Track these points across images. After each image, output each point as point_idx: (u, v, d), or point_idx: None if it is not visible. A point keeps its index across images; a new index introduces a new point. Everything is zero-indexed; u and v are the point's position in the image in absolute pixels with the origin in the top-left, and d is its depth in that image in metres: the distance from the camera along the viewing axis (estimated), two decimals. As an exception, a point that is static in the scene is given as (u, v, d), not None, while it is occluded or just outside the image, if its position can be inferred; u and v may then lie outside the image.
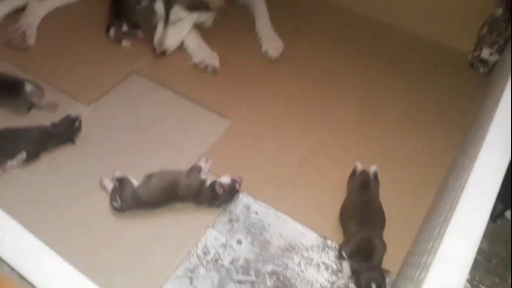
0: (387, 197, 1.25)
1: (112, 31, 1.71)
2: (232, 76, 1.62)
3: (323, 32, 1.81)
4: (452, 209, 0.79)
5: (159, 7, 1.56)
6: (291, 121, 1.49)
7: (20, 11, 1.75)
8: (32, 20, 1.71)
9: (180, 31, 1.63)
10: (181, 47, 1.68)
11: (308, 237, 1.23)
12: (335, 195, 1.29)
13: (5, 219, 0.61)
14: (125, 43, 1.71)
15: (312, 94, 1.58)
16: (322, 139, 1.45)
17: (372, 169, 1.31)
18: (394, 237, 1.17)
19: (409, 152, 1.42)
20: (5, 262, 0.51)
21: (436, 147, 1.43)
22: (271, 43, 1.67)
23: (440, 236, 0.75)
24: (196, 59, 1.63)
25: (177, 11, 1.56)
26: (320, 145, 1.43)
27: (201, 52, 1.64)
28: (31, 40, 1.65)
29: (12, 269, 0.51)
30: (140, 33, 1.73)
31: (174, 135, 1.44)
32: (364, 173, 1.30)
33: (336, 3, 1.92)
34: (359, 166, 1.32)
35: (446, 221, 0.77)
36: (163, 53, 1.63)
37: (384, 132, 1.48)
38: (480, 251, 1.30)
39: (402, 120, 1.52)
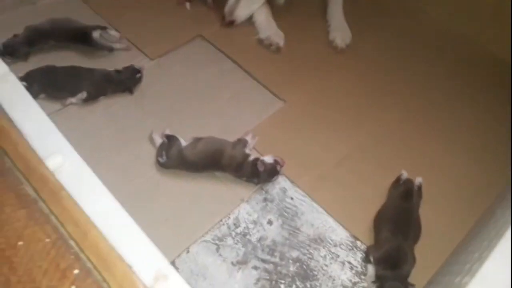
0: (426, 213, 1.23)
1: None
2: (294, 59, 1.61)
3: (393, 33, 1.75)
4: (499, 236, 0.77)
5: None
6: (343, 115, 1.47)
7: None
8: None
9: (252, 3, 1.62)
10: (249, 20, 1.68)
11: (339, 233, 1.23)
12: (373, 198, 1.28)
13: (68, 149, 0.61)
14: (188, 5, 1.72)
15: (369, 93, 1.55)
16: (369, 140, 1.42)
17: (417, 181, 1.28)
18: (426, 254, 1.15)
19: (458, 172, 1.38)
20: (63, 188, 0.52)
21: (487, 173, 1.38)
22: (340, 33, 1.64)
23: (481, 259, 0.74)
24: (262, 35, 1.63)
25: None
26: (366, 146, 1.41)
27: (268, 28, 1.64)
28: (110, -12, 1.70)
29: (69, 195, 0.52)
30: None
31: (226, 106, 1.46)
32: (409, 182, 1.28)
33: (413, 6, 1.85)
34: (405, 175, 1.30)
35: (491, 246, 0.76)
36: (231, 23, 1.64)
37: (436, 146, 1.43)
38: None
39: (457, 138, 1.46)
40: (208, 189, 1.26)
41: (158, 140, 1.30)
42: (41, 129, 0.53)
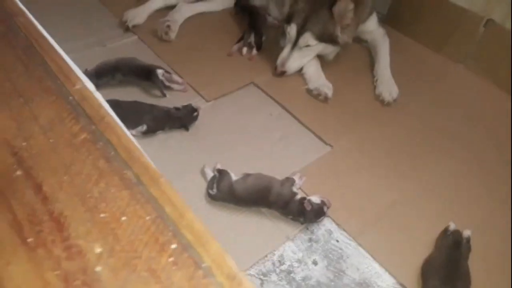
0: (476, 266, 1.20)
1: (237, 45, 1.88)
2: (341, 108, 1.67)
3: (440, 93, 1.81)
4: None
5: (292, 30, 1.67)
6: (389, 164, 1.50)
7: (170, 8, 1.99)
8: (178, 17, 1.93)
9: (303, 57, 1.73)
10: (299, 71, 1.78)
11: (385, 279, 1.20)
12: (419, 247, 1.26)
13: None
14: (246, 52, 1.85)
15: (415, 144, 1.58)
16: (417, 189, 1.43)
17: (466, 233, 1.26)
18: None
19: (509, 229, 1.35)
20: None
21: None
22: (387, 87, 1.70)
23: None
24: (311, 86, 1.71)
25: (307, 38, 1.66)
26: (414, 195, 1.41)
27: (317, 80, 1.73)
28: (173, 34, 1.87)
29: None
30: (254, 52, 1.86)
31: (274, 147, 1.52)
32: (457, 233, 1.26)
33: (458, 68, 1.92)
34: (452, 226, 1.28)
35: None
36: (282, 73, 1.74)
37: (485, 199, 1.42)
38: None
39: (506, 193, 1.45)
40: (255, 224, 1.29)
41: (210, 173, 1.35)
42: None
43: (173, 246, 0.45)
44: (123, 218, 0.47)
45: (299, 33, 1.67)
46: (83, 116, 0.56)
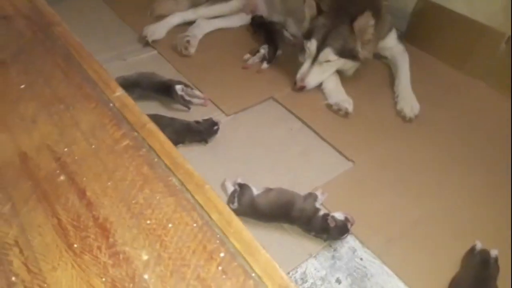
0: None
1: (249, 57, 1.89)
2: (362, 123, 1.66)
3: (461, 109, 1.79)
4: None
5: (312, 46, 1.68)
6: (413, 181, 1.47)
7: (189, 24, 2.02)
8: (197, 32, 1.95)
9: (323, 72, 1.73)
10: (319, 86, 1.78)
11: (411, 298, 1.17)
12: (445, 265, 1.23)
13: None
14: (265, 65, 1.86)
15: (438, 161, 1.55)
16: (441, 207, 1.40)
17: (493, 253, 1.23)
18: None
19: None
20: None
21: None
22: (408, 103, 1.70)
23: None
24: (331, 101, 1.71)
25: (327, 53, 1.67)
26: (438, 212, 1.38)
27: (337, 95, 1.72)
28: (193, 49, 1.88)
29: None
30: (265, 65, 1.87)
31: (295, 162, 1.50)
32: (484, 252, 1.23)
33: (480, 85, 1.91)
34: (479, 245, 1.25)
35: None
36: (302, 88, 1.74)
37: (510, 218, 1.39)
38: None
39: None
40: (276, 240, 1.26)
41: (230, 188, 1.34)
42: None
43: (222, 254, 0.43)
44: (170, 225, 0.46)
45: (319, 49, 1.67)
46: (125, 122, 0.55)
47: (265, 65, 1.87)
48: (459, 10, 1.89)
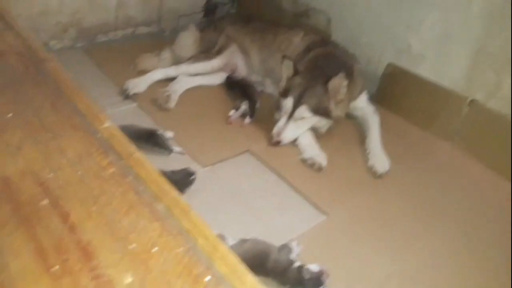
0: None
1: (234, 112, 1.94)
2: (335, 178, 1.70)
3: (429, 168, 1.87)
4: None
5: (288, 103, 1.76)
6: (385, 235, 1.49)
7: (169, 80, 2.08)
8: (178, 88, 2.01)
9: (298, 128, 1.80)
10: (294, 142, 1.83)
11: None
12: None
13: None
14: (247, 120, 1.92)
15: (409, 217, 1.59)
16: (412, 261, 1.41)
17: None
18: None
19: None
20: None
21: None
22: (378, 160, 1.76)
23: None
24: (306, 155, 1.76)
25: (303, 110, 1.74)
26: (410, 267, 1.39)
27: (311, 150, 1.77)
28: (173, 104, 1.93)
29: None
30: (247, 120, 1.92)
31: (270, 214, 1.50)
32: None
33: (445, 144, 2.01)
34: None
35: None
36: (277, 143, 1.79)
37: (480, 271, 1.41)
38: None
39: (501, 263, 1.45)
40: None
41: (206, 238, 1.32)
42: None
43: (208, 278, 0.43)
44: (155, 249, 0.45)
45: (295, 106, 1.75)
46: (112, 151, 0.56)
47: (247, 119, 1.93)
48: (425, 75, 2.05)
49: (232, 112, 1.94)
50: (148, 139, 1.63)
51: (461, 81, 1.94)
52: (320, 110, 1.76)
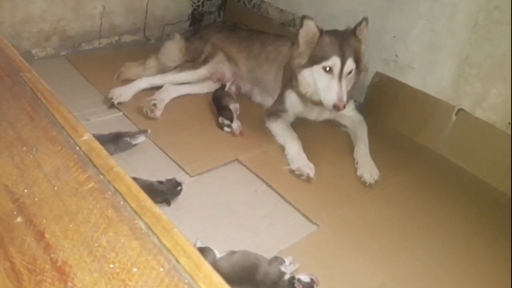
0: None
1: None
2: (324, 188, 1.69)
3: (418, 174, 1.87)
4: None
5: (336, 62, 1.76)
6: (375, 244, 1.48)
7: (154, 88, 2.06)
8: (164, 97, 1.99)
9: (347, 87, 1.82)
10: (282, 152, 1.82)
11: None
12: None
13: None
14: (226, 129, 1.91)
15: (399, 225, 1.58)
16: (404, 270, 1.40)
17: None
18: None
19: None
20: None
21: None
22: (368, 169, 1.75)
23: None
24: (293, 166, 1.73)
25: (351, 63, 1.79)
26: (402, 276, 1.38)
27: (299, 160, 1.75)
28: (159, 112, 1.90)
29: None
30: (235, 126, 1.91)
31: (260, 225, 1.48)
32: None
33: (434, 153, 2.02)
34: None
35: None
36: (344, 107, 1.78)
37: (471, 277, 1.40)
38: None
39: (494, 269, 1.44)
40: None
41: (193, 250, 1.28)
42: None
43: (190, 299, 0.41)
44: (134, 269, 0.43)
45: (343, 62, 1.77)
46: (91, 165, 0.53)
47: (235, 126, 1.90)
48: (412, 84, 2.06)
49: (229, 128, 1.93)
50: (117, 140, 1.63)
51: (448, 90, 1.96)
52: (358, 59, 1.82)
